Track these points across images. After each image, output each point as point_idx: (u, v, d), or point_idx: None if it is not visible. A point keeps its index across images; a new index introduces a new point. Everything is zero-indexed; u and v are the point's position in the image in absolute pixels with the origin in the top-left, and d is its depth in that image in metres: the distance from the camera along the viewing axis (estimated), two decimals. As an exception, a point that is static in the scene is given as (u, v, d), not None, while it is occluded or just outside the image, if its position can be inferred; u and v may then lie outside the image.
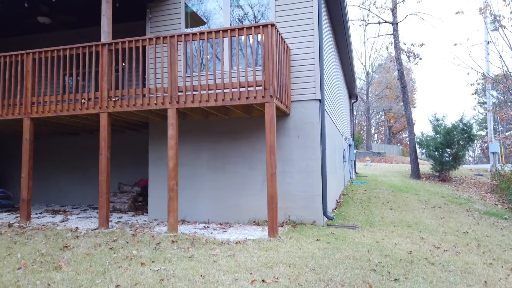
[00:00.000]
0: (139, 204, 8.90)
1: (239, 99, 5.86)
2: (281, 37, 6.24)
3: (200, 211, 7.28)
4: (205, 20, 7.72)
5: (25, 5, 7.34)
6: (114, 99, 6.42)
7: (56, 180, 10.30)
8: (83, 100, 6.55)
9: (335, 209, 8.38)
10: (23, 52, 6.83)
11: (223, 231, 6.14)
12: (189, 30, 7.67)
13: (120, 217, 7.70)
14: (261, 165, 6.99)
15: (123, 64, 7.77)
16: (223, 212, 7.15)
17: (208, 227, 6.59)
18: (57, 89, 8.49)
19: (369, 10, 20.53)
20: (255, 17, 7.46)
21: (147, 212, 8.06)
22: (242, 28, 5.83)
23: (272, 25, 5.70)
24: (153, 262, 4.20)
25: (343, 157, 12.66)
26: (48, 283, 3.50)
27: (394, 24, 18.34)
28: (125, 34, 8.42)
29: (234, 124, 7.28)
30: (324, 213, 6.67)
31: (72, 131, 9.33)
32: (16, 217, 7.74)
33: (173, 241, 5.20)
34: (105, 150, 6.32)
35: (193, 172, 7.41)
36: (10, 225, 6.52)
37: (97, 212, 8.44)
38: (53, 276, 3.70)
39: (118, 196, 8.76)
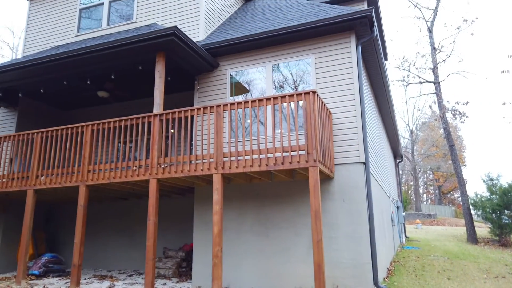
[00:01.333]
0: (183, 270, 8.83)
1: (282, 164, 5.93)
2: (322, 102, 6.40)
3: (244, 279, 7.10)
4: (248, 87, 8.12)
5: (88, 82, 8.15)
6: (163, 165, 6.72)
7: (104, 244, 10.55)
8: (134, 167, 6.90)
9: (386, 278, 7.85)
10: (83, 124, 7.45)
11: (268, 301, 5.88)
12: (234, 99, 8.07)
13: (165, 284, 7.65)
14: (306, 230, 6.83)
15: (172, 130, 8.21)
16: (268, 280, 6.92)
17: (252, 296, 6.36)
18: (111, 157, 9.03)
19: (409, 71, 20.68)
20: (294, 81, 7.76)
21: (191, 278, 7.96)
22: (284, 96, 6.06)
23: (314, 92, 5.88)
24: (198, 334, 4.07)
25: (392, 220, 12.09)
26: None
27: (436, 83, 18.24)
28: (174, 103, 9.01)
29: (278, 188, 7.29)
30: (375, 283, 6.26)
31: (121, 196, 9.71)
32: (66, 282, 7.92)
33: (217, 312, 5.05)
34: (153, 216, 6.49)
35: (237, 237, 7.36)
36: (60, 290, 6.66)
37: (142, 278, 8.46)
38: None
39: (162, 261, 8.78)
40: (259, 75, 8.03)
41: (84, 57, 7.52)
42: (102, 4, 10.10)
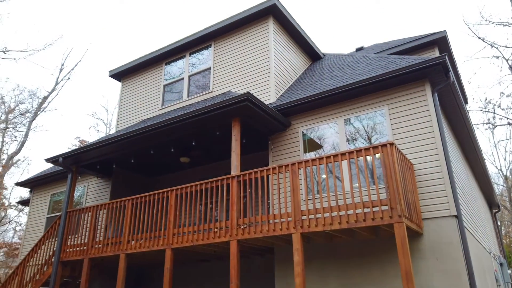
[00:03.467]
0: (266, 336, 8.47)
1: (364, 220, 5.68)
2: (401, 154, 6.15)
3: None
4: (320, 143, 8.14)
5: (172, 150, 8.83)
6: (242, 226, 6.81)
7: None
8: (215, 229, 7.08)
9: None
10: (168, 189, 7.95)
11: None
12: (306, 156, 8.10)
13: None
14: (397, 293, 6.26)
15: (249, 190, 8.39)
16: None
17: None
18: (194, 219, 9.41)
19: (494, 113, 19.20)
20: (367, 133, 7.62)
21: None
22: (360, 150, 5.96)
23: (391, 144, 5.72)
24: None
25: (496, 280, 10.62)
26: None
27: (528, 123, 16.60)
28: (249, 163, 9.28)
29: (361, 247, 6.91)
30: None
31: (203, 258, 9.89)
32: None
33: None
34: (235, 279, 6.47)
35: (322, 300, 6.97)
36: None
37: None
38: None
39: (245, 326, 8.54)
40: (330, 130, 8.05)
41: (169, 127, 8.21)
42: (183, 79, 11.18)
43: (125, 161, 10.32)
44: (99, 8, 51.07)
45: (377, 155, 6.53)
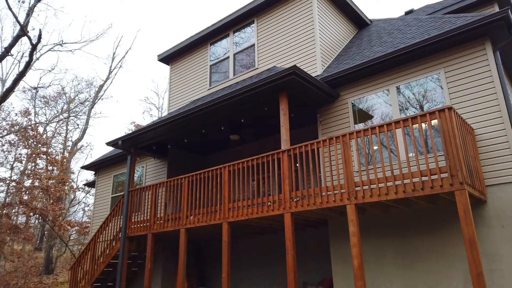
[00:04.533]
0: (324, 306, 8.63)
1: (422, 189, 5.50)
2: (461, 118, 5.83)
3: (392, 317, 6.58)
4: (371, 113, 7.91)
5: (222, 128, 9.03)
6: (295, 199, 6.88)
7: (247, 278, 11.03)
8: (269, 203, 7.22)
9: None
10: (221, 166, 8.18)
11: None
12: (359, 127, 7.92)
13: (307, 319, 7.57)
14: (460, 262, 6.08)
15: (297, 165, 8.42)
16: (420, 318, 6.28)
17: (404, 336, 5.83)
18: (247, 194, 9.65)
19: None
20: (418, 101, 7.28)
21: (333, 315, 7.71)
22: (415, 117, 5.72)
23: (450, 108, 5.43)
24: None
25: None
26: None
27: None
28: (297, 138, 9.27)
29: (419, 216, 6.73)
30: (562, 326, 5.14)
31: (258, 231, 10.16)
32: (216, 314, 8.46)
33: None
34: (291, 249, 6.61)
35: (379, 271, 6.94)
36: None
37: (284, 313, 8.53)
38: None
39: (303, 296, 8.75)
40: (380, 100, 7.78)
41: (217, 106, 8.38)
42: (228, 58, 11.26)
43: (179, 141, 10.73)
44: (142, -5, 52.26)
45: (434, 122, 6.24)
